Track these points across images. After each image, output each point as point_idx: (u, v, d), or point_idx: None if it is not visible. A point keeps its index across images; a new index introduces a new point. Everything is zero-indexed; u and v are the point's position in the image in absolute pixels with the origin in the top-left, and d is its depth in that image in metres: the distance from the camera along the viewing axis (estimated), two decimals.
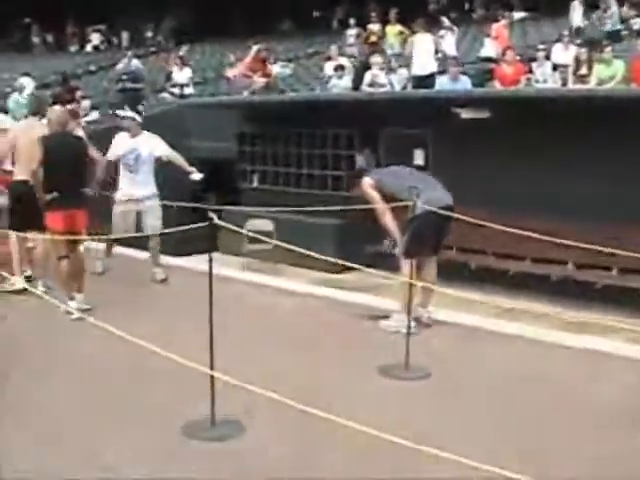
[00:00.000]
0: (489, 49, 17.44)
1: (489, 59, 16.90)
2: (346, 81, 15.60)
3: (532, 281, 10.97)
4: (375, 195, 8.76)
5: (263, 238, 8.54)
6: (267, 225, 13.41)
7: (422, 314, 8.47)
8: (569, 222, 10.08)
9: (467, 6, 30.14)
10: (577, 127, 10.56)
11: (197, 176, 11.96)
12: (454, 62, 14.83)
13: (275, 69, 19.31)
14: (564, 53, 15.82)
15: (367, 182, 8.93)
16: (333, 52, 16.84)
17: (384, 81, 14.88)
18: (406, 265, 8.35)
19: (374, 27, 22.59)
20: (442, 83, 14.40)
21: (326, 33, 29.84)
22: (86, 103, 19.79)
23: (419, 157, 13.09)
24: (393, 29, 21.53)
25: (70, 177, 9.19)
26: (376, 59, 14.91)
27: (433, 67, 15.65)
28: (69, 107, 13.90)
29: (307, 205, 13.35)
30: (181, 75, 20.37)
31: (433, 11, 28.11)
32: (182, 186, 14.13)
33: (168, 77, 21.61)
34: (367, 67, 15.21)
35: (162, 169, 12.09)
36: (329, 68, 16.47)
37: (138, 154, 11.25)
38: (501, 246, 11.50)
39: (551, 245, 9.32)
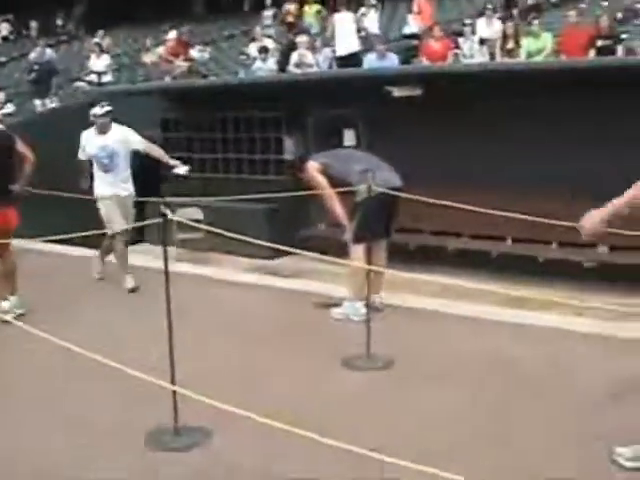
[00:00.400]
0: (412, 26, 17.20)
1: (413, 36, 16.67)
2: (270, 63, 15.26)
3: (472, 257, 10.90)
4: (321, 179, 8.36)
5: (200, 226, 8.07)
6: (196, 213, 13.12)
7: (374, 300, 8.19)
8: (505, 196, 9.93)
9: None
10: (512, 101, 10.47)
11: (182, 169, 10.75)
12: (381, 39, 14.62)
13: (192, 54, 18.89)
14: (489, 28, 15.66)
15: (313, 166, 8.48)
16: (257, 33, 16.41)
17: (312, 61, 14.59)
18: (356, 250, 8.07)
19: (291, 7, 22.26)
20: (370, 61, 14.15)
21: (238, 15, 29.38)
22: (0, 95, 19.16)
23: (349, 137, 12.91)
24: (311, 8, 21.20)
25: None
26: (302, 39, 14.59)
27: (356, 46, 15.39)
28: None
29: (236, 191, 13.16)
30: (99, 63, 19.79)
31: None
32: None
33: (83, 65, 21.01)
34: (292, 48, 14.90)
35: None
36: (253, 49, 16.08)
37: (112, 151, 9.97)
38: (439, 224, 11.39)
39: (488, 220, 9.19)
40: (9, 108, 19.06)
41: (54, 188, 12.46)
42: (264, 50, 15.42)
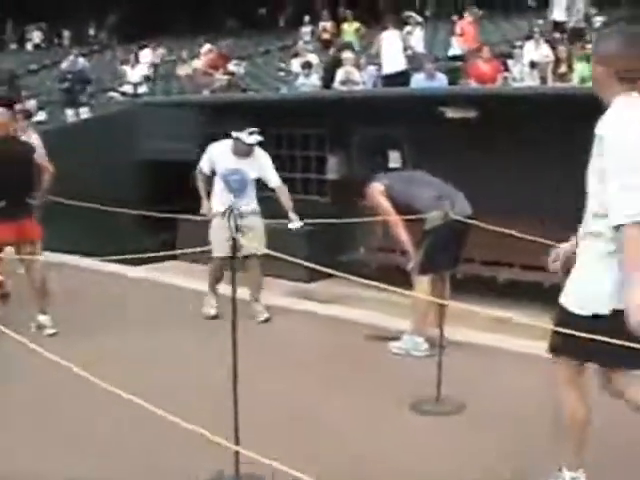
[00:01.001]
0: (456, 47, 16.82)
1: (457, 57, 16.27)
2: (314, 79, 14.83)
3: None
4: (387, 205, 7.75)
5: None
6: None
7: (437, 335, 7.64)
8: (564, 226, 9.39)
9: (418, 4, 29.45)
10: (567, 125, 9.99)
11: (296, 224, 9.49)
12: (429, 59, 14.22)
13: (229, 67, 18.52)
14: (537, 51, 15.26)
15: (376, 188, 7.91)
16: (300, 48, 15.96)
17: (359, 79, 14.17)
18: (422, 281, 7.51)
19: (327, 24, 22.00)
20: (418, 81, 13.73)
21: (273, 31, 29.20)
22: (32, 103, 18.85)
23: (394, 158, 12.46)
24: (350, 26, 20.88)
25: (16, 185, 8.21)
26: (347, 55, 14.15)
27: (403, 64, 14.98)
28: (19, 107, 13.05)
29: (274, 210, 12.74)
30: (134, 73, 19.46)
31: (384, 8, 27.58)
32: (137, 190, 13.49)
33: (117, 75, 20.72)
34: (336, 64, 14.46)
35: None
36: (295, 65, 15.64)
37: (244, 177, 9.20)
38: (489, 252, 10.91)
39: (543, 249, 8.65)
40: (41, 116, 18.75)
41: (85, 200, 12.11)
42: (308, 65, 14.98)
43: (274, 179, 9.30)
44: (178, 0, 32.02)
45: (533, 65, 14.26)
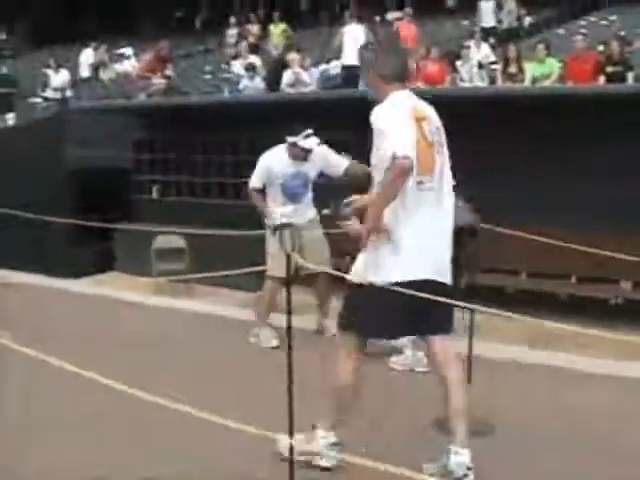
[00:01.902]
0: None
1: None
2: (258, 81, 14.28)
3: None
4: None
5: None
6: (177, 241, 12.13)
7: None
8: None
9: (338, 7, 28.90)
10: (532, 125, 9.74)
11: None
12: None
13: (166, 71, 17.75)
14: (477, 52, 15.07)
15: None
16: (243, 49, 15.27)
17: (308, 79, 13.67)
18: None
19: (252, 27, 21.52)
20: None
21: (190, 34, 28.50)
22: None
23: None
24: (277, 28, 20.44)
25: None
26: (293, 56, 13.64)
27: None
28: None
29: (220, 217, 12.24)
30: (58, 78, 18.66)
31: (303, 11, 27.31)
32: (66, 199, 12.90)
33: (39, 81, 19.87)
34: (282, 66, 13.94)
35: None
36: (238, 67, 15.02)
37: (306, 179, 8.74)
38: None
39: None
40: None
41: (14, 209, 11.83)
42: (251, 68, 14.42)
43: (342, 161, 8.57)
44: (93, 5, 31.16)
45: (481, 66, 14.01)
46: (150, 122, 13.95)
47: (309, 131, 8.55)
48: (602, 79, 12.59)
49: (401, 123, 4.72)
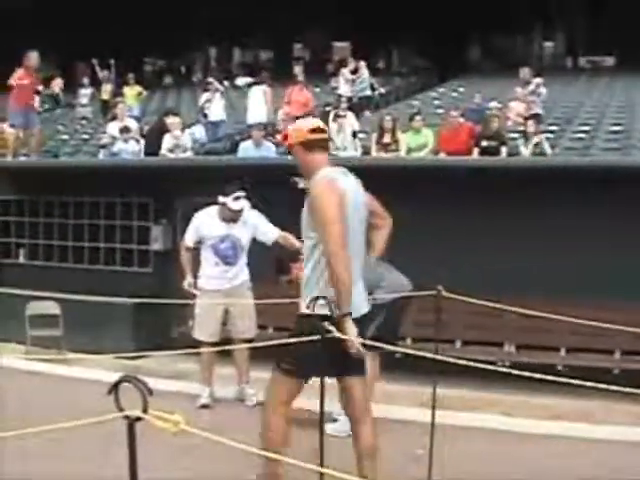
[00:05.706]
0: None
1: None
2: (133, 144, 13.99)
3: None
4: None
5: None
6: (52, 308, 11.81)
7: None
8: None
9: (184, 70, 28.56)
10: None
11: None
12: (259, 127, 13.76)
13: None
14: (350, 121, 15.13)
15: None
16: (120, 111, 14.90)
17: (188, 143, 13.50)
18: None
19: (107, 87, 21.25)
20: (246, 149, 13.23)
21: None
22: None
23: None
24: (132, 90, 20.27)
25: None
26: (173, 120, 13.43)
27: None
28: None
29: (94, 283, 12.02)
30: None
31: (150, 73, 27.10)
32: None
33: None
34: (162, 130, 13.72)
35: None
36: (114, 129, 14.66)
37: (235, 243, 8.45)
38: None
39: None
40: None
41: None
42: (126, 130, 14.16)
43: (272, 231, 8.45)
44: None
45: (355, 134, 14.08)
46: (19, 183, 13.65)
47: (240, 193, 8.27)
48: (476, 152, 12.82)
49: None
